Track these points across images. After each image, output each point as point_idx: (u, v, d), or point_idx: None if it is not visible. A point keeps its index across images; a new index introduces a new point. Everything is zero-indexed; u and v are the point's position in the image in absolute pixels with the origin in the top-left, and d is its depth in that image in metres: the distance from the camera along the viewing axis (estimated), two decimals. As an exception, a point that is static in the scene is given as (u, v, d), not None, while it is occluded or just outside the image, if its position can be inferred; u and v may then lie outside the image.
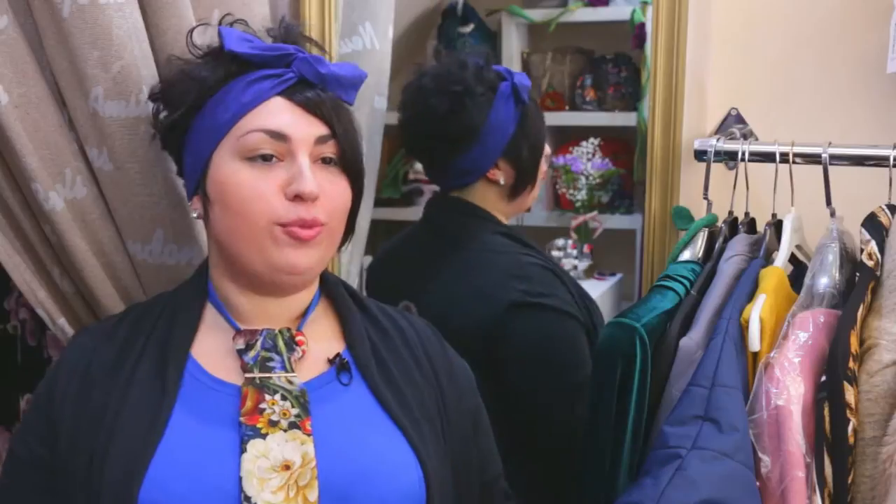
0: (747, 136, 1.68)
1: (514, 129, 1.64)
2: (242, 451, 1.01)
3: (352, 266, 1.80)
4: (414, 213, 2.90)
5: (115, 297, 1.30)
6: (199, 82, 1.10)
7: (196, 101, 1.10)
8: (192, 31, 1.17)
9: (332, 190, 1.09)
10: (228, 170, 1.07)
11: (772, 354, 1.18)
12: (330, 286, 1.19)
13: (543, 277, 1.59)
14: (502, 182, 1.66)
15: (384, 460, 1.07)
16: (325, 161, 1.10)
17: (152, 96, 1.17)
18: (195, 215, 1.14)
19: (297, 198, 1.06)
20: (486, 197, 1.68)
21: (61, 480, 1.05)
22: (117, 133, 1.22)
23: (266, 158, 1.07)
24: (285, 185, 1.06)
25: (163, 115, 1.15)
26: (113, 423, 1.04)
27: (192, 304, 1.13)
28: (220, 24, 1.17)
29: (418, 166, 2.96)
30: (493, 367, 1.55)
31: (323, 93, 1.10)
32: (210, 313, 1.14)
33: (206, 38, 1.17)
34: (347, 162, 1.12)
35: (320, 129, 1.09)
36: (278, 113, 1.08)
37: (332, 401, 1.09)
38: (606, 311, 1.90)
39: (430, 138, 1.65)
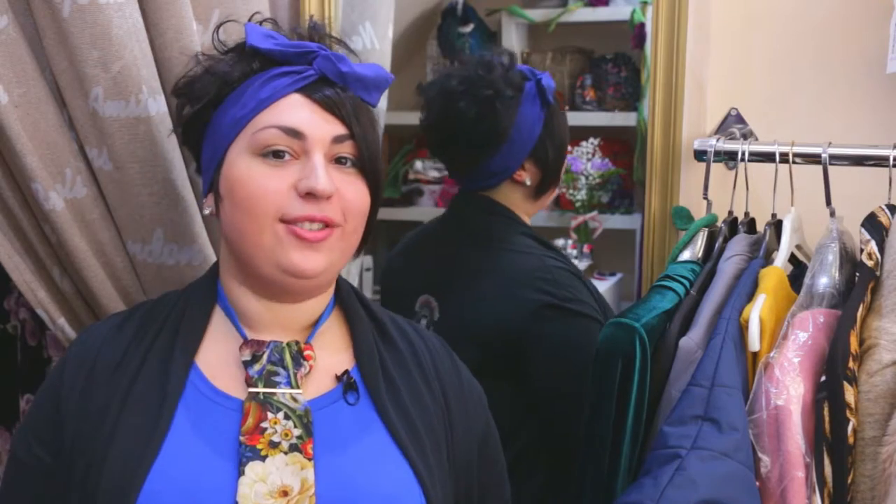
0: (747, 136, 1.68)
1: (541, 129, 1.64)
2: (240, 473, 0.99)
3: (352, 266, 1.80)
4: (414, 213, 2.90)
5: (115, 297, 1.30)
6: (219, 77, 1.08)
7: (216, 95, 1.08)
8: (218, 27, 1.14)
9: (348, 191, 1.06)
10: (240, 165, 1.04)
11: (772, 354, 1.18)
12: (343, 294, 1.15)
13: (570, 281, 1.60)
14: (528, 183, 1.67)
15: (386, 489, 1.03)
16: (342, 161, 1.06)
17: (175, 91, 1.14)
18: (207, 212, 1.11)
19: (310, 195, 1.02)
20: (512, 197, 1.68)
21: (60, 481, 1.03)
22: (117, 133, 1.22)
23: (278, 155, 1.03)
24: (298, 182, 1.03)
25: (185, 110, 1.12)
26: (112, 428, 1.02)
27: (200, 308, 1.10)
28: (249, 21, 1.13)
29: (418, 166, 2.96)
30: (517, 366, 1.56)
31: (343, 92, 1.07)
32: (218, 318, 1.10)
33: (227, 36, 1.15)
34: (365, 164, 1.08)
35: (338, 129, 1.06)
36: (295, 109, 1.05)
37: (336, 422, 1.05)
38: (606, 311, 1.90)
39: (458, 142, 1.64)
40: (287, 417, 1.02)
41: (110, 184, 1.26)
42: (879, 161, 1.42)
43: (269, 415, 1.02)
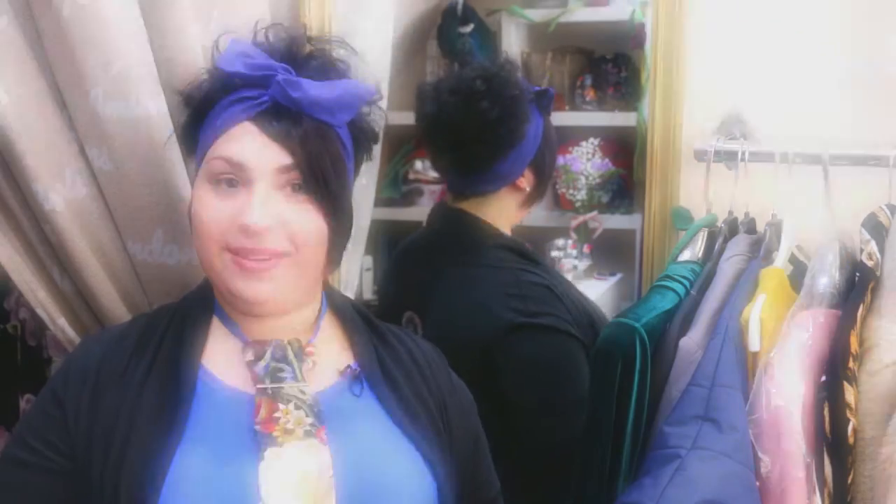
0: (747, 136, 1.68)
1: (541, 138, 1.66)
2: (261, 458, 1.01)
3: (351, 265, 1.80)
4: (414, 213, 2.90)
5: (115, 297, 1.30)
6: (197, 97, 1.10)
7: (197, 115, 1.11)
8: (217, 39, 1.13)
9: (295, 219, 1.05)
10: (198, 191, 1.07)
11: (772, 354, 1.18)
12: (337, 305, 1.18)
13: (541, 295, 1.59)
14: (528, 189, 1.67)
15: (399, 471, 1.07)
16: (296, 188, 1.05)
17: (181, 100, 1.15)
18: None
19: (244, 228, 1.03)
20: (507, 203, 1.69)
21: (73, 485, 1.04)
22: (117, 133, 1.22)
23: (232, 184, 1.05)
24: (238, 214, 1.03)
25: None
26: (127, 431, 1.03)
27: (199, 316, 1.12)
28: (216, 44, 1.12)
29: (418, 166, 2.95)
30: (490, 380, 1.55)
31: (299, 117, 1.05)
32: (217, 325, 1.12)
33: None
34: (313, 191, 1.05)
35: (283, 159, 1.04)
36: (240, 140, 1.05)
37: (344, 412, 1.09)
38: (606, 311, 1.89)
39: (474, 142, 1.61)
40: (298, 407, 1.05)
41: (110, 184, 1.26)
42: (879, 161, 1.42)
43: (281, 405, 1.05)
